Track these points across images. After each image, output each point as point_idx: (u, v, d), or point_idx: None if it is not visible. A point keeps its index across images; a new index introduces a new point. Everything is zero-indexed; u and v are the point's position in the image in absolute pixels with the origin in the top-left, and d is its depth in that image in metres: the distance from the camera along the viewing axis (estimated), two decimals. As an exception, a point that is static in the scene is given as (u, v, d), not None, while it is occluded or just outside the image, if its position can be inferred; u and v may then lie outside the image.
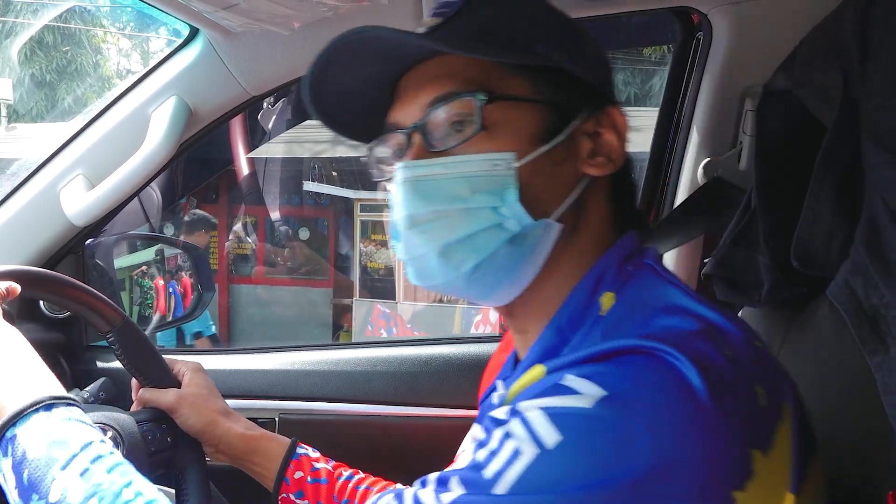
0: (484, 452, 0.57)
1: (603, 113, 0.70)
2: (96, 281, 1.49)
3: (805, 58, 0.80)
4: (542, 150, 0.66)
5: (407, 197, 0.67)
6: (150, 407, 1.08)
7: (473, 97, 0.66)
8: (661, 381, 0.54)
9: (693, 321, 0.60)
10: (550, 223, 0.67)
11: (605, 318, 0.65)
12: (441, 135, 0.68)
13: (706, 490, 0.53)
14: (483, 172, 0.65)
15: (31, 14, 8.96)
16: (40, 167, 1.34)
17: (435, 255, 0.67)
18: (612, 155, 0.70)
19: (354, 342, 5.26)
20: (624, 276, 0.67)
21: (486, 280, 0.68)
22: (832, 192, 0.69)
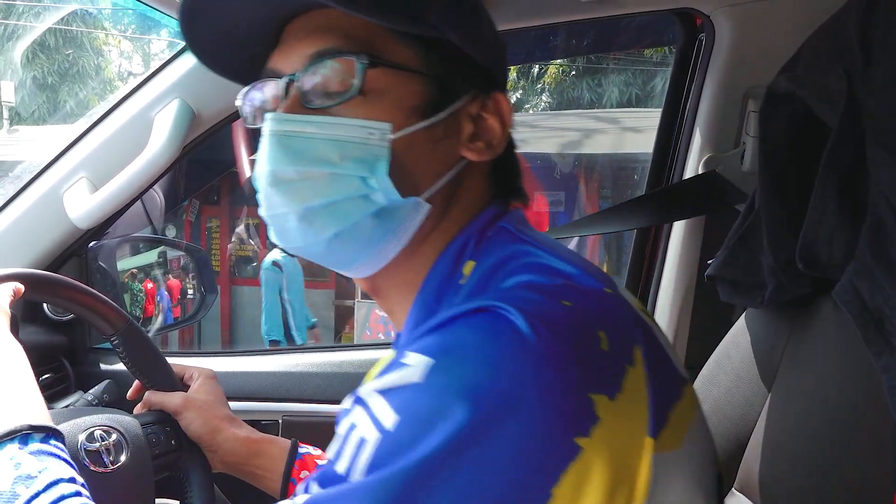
0: (333, 449, 0.56)
1: (489, 97, 0.68)
2: (100, 283, 1.49)
3: (808, 59, 0.80)
4: (421, 126, 0.64)
5: (273, 151, 0.64)
6: (154, 409, 1.08)
7: (356, 58, 0.63)
8: (488, 334, 0.53)
9: (543, 277, 0.59)
10: (420, 202, 0.64)
11: (464, 287, 0.63)
12: (318, 91, 0.64)
13: (547, 436, 0.51)
14: (356, 139, 0.62)
15: (34, 17, 8.98)
16: (44, 170, 1.35)
17: (295, 217, 0.64)
18: (493, 141, 0.68)
19: (357, 343, 5.27)
20: (484, 243, 0.66)
21: (345, 249, 0.66)
22: (836, 193, 0.69)
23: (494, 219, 0.68)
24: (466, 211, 0.68)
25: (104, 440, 0.96)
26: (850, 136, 0.68)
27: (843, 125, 0.67)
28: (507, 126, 0.68)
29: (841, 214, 0.68)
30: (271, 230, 0.68)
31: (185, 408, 1.05)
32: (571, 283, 0.59)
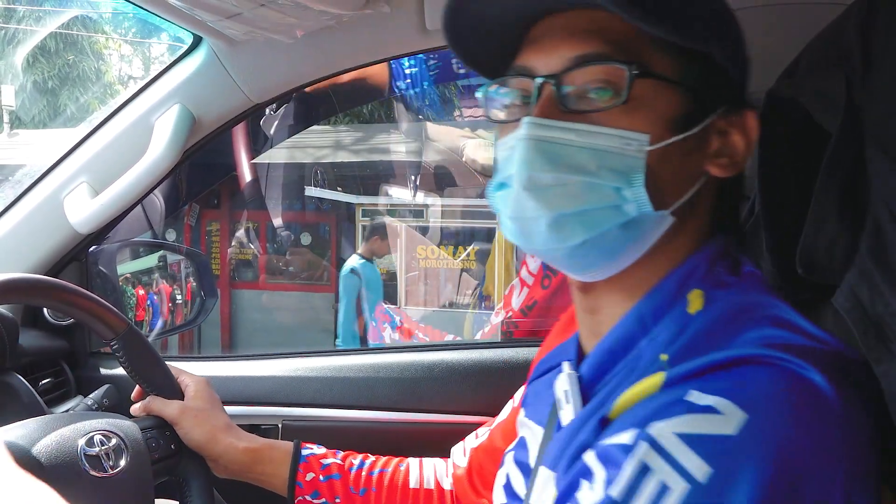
0: (620, 489, 0.54)
1: (737, 114, 0.67)
2: (100, 288, 1.49)
3: (808, 65, 0.80)
4: (676, 139, 0.63)
5: (530, 156, 0.62)
6: (153, 415, 1.08)
7: (627, 66, 0.61)
8: (794, 389, 0.53)
9: (803, 338, 0.58)
10: (665, 216, 0.64)
11: (695, 319, 0.63)
12: (578, 96, 0.64)
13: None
14: (614, 149, 0.62)
15: (34, 21, 8.99)
16: (44, 175, 1.35)
17: (546, 222, 0.63)
18: (737, 158, 0.67)
19: (357, 348, 5.26)
20: (715, 276, 0.66)
21: (587, 257, 0.65)
22: (836, 199, 0.69)
23: (723, 253, 0.68)
24: (696, 229, 0.68)
25: (104, 445, 0.96)
26: (850, 141, 0.68)
27: (843, 131, 0.67)
28: (751, 144, 0.68)
29: (841, 220, 0.68)
30: (510, 229, 0.67)
31: (183, 416, 1.05)
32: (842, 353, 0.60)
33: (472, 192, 6.38)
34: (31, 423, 0.93)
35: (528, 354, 1.46)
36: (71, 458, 0.91)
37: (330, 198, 7.37)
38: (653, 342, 0.64)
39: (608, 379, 0.67)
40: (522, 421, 0.86)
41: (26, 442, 0.89)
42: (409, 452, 1.45)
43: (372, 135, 7.18)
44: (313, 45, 1.25)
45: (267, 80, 1.30)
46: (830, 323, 0.80)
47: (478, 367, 1.45)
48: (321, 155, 7.02)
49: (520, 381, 1.43)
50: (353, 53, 1.28)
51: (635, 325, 0.66)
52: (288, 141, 6.20)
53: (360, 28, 1.22)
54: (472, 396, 1.44)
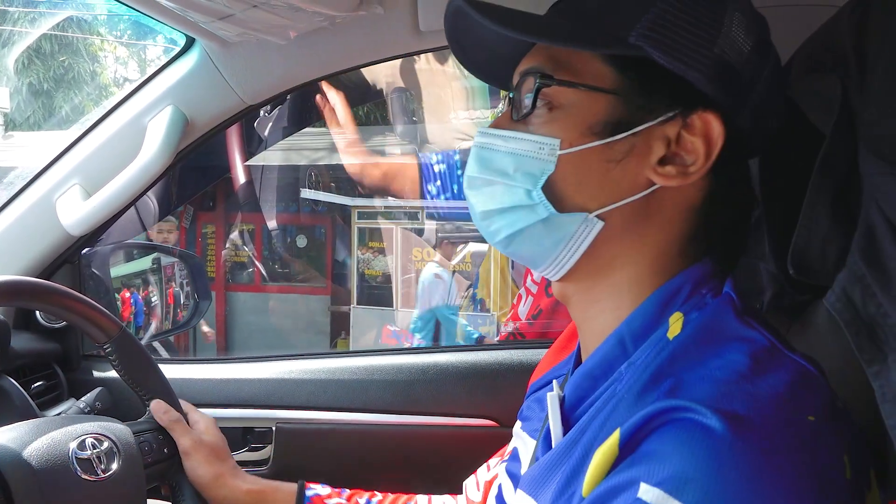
0: None
1: (694, 115, 0.64)
2: (93, 291, 1.49)
3: (802, 66, 0.80)
4: (593, 144, 0.65)
5: (471, 159, 0.71)
6: (149, 418, 1.08)
7: (540, 76, 0.67)
8: (724, 461, 0.51)
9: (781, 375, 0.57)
10: (588, 218, 0.66)
11: (671, 343, 0.62)
12: (518, 106, 0.70)
13: None
14: (528, 153, 0.67)
15: (29, 23, 8.97)
16: (36, 177, 1.35)
17: (479, 216, 0.71)
18: (691, 167, 0.64)
19: (351, 350, 5.25)
20: (698, 299, 0.65)
21: (522, 251, 0.71)
22: (829, 200, 0.69)
23: (707, 277, 0.67)
24: (668, 242, 0.67)
25: (95, 448, 0.95)
26: (843, 143, 0.68)
27: (837, 132, 0.67)
28: (712, 150, 0.64)
29: (833, 221, 0.68)
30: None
31: (195, 450, 1.06)
32: (806, 382, 0.58)
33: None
34: (23, 426, 0.93)
35: (523, 356, 1.46)
36: (62, 462, 0.90)
37: (325, 200, 7.36)
38: (631, 367, 0.64)
39: (590, 403, 0.67)
40: (518, 432, 0.87)
41: (17, 445, 0.88)
42: (404, 454, 1.45)
43: (367, 137, 7.18)
44: (306, 47, 1.24)
45: (260, 81, 1.30)
46: (824, 323, 0.81)
47: (472, 368, 1.45)
48: (316, 157, 7.01)
49: (514, 383, 1.43)
50: (347, 55, 1.28)
51: (616, 348, 0.66)
52: (283, 143, 6.20)
53: (353, 29, 1.21)
54: (466, 398, 1.44)
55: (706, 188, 0.67)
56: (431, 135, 6.24)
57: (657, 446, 0.54)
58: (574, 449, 0.63)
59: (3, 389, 1.17)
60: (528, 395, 0.90)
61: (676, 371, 0.59)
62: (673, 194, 0.66)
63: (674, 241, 0.67)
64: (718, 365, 0.58)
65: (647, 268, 0.67)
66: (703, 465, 0.51)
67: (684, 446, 0.52)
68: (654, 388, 0.59)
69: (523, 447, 0.83)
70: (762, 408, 0.53)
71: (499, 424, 1.42)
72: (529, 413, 0.87)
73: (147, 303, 1.92)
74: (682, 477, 0.50)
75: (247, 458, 1.45)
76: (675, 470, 0.51)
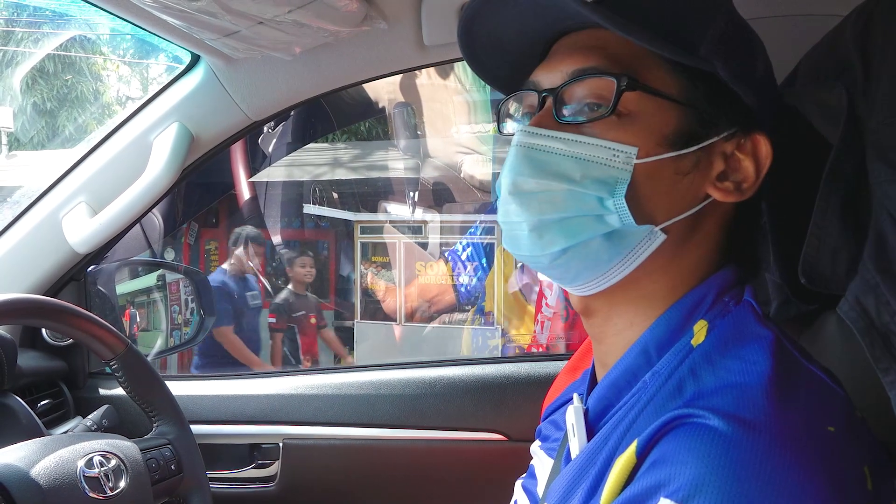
0: None
1: (747, 137, 0.65)
2: (98, 308, 1.49)
3: (807, 75, 0.80)
4: (668, 156, 0.63)
5: (516, 162, 0.64)
6: (156, 435, 1.08)
7: (615, 79, 0.62)
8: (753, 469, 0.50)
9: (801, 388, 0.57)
10: (654, 231, 0.63)
11: (696, 351, 0.62)
12: (573, 107, 0.65)
13: None
14: (599, 159, 0.62)
15: (33, 43, 9.04)
16: (42, 195, 1.35)
17: (527, 227, 0.64)
18: (744, 184, 0.65)
19: (357, 365, 5.24)
20: (721, 307, 0.64)
21: (570, 266, 0.65)
22: (838, 209, 0.68)
23: (731, 285, 0.66)
24: (700, 256, 0.67)
25: (103, 466, 0.95)
26: (851, 151, 0.68)
27: (844, 141, 0.67)
28: (761, 170, 0.66)
29: (843, 229, 0.68)
30: (504, 236, 0.68)
31: None
32: (826, 391, 0.57)
33: (470, 207, 6.38)
34: (30, 444, 0.93)
35: (530, 369, 1.45)
36: (70, 480, 0.90)
37: (328, 215, 7.37)
38: (655, 375, 0.64)
39: (613, 413, 0.66)
40: (535, 451, 0.86)
41: (25, 464, 0.88)
42: (412, 469, 1.44)
43: (370, 152, 7.19)
44: (311, 63, 1.25)
45: (265, 97, 1.30)
46: (835, 333, 0.80)
47: (479, 382, 1.44)
48: (319, 172, 7.03)
49: (522, 396, 1.43)
50: (351, 70, 1.28)
51: (640, 357, 0.65)
52: (286, 158, 6.22)
53: (357, 45, 1.22)
54: (473, 412, 1.43)
55: (739, 203, 0.67)
56: (433, 149, 6.26)
57: (667, 452, 0.54)
58: (597, 458, 0.63)
59: (10, 408, 1.16)
60: (545, 416, 0.89)
61: (699, 379, 0.59)
62: (716, 209, 0.66)
63: (708, 252, 0.67)
64: (739, 369, 0.57)
65: (679, 278, 0.66)
66: (722, 472, 0.50)
67: (698, 451, 0.51)
68: (677, 397, 0.59)
69: (540, 465, 0.83)
70: (783, 419, 0.53)
71: (507, 438, 1.42)
72: (548, 433, 0.86)
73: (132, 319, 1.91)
74: (698, 483, 0.50)
75: (254, 474, 1.45)
76: (692, 476, 0.50)
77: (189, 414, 1.19)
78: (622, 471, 0.57)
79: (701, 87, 0.64)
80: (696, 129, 0.64)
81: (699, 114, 0.64)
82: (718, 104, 0.64)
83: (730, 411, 0.53)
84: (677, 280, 0.66)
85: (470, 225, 6.44)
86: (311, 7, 0.99)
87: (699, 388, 0.58)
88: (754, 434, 0.51)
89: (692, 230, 0.65)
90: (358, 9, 1.08)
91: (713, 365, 0.59)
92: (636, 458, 0.57)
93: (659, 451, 0.55)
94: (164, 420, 1.12)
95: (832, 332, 0.80)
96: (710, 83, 0.64)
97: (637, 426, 0.60)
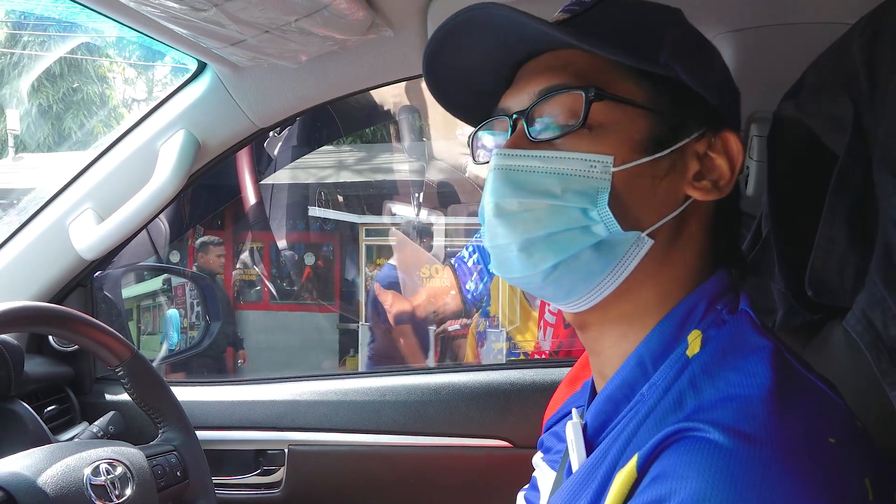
0: None
1: (717, 136, 0.67)
2: (105, 313, 1.49)
3: (813, 85, 0.80)
4: (644, 161, 0.64)
5: (497, 185, 0.65)
6: (162, 441, 1.08)
7: (583, 91, 0.63)
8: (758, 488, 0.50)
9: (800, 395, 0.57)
10: (642, 237, 0.64)
11: (692, 362, 0.62)
12: (543, 125, 0.66)
13: None
14: (577, 172, 0.63)
15: (39, 46, 9.07)
16: (49, 201, 1.36)
17: (516, 247, 0.65)
18: (720, 182, 0.67)
19: (363, 371, 5.25)
20: (714, 315, 0.65)
21: (563, 281, 0.65)
22: (845, 220, 0.68)
23: (723, 291, 0.67)
24: (687, 259, 0.67)
25: (109, 474, 0.95)
26: (857, 162, 0.67)
27: (851, 152, 0.67)
28: (735, 166, 0.67)
29: (850, 242, 0.68)
30: (492, 261, 0.69)
31: None
32: (827, 402, 0.57)
33: (475, 208, 6.39)
34: (37, 452, 0.93)
35: (535, 376, 1.45)
36: (77, 488, 0.90)
37: (333, 218, 7.38)
38: (653, 388, 0.64)
39: (612, 427, 0.66)
40: (537, 462, 0.86)
41: (32, 472, 0.88)
42: (417, 475, 1.44)
43: (375, 154, 7.20)
44: (317, 70, 1.25)
45: (271, 104, 1.31)
46: (841, 344, 0.80)
47: (484, 388, 1.44)
48: (324, 175, 7.04)
49: (527, 403, 1.42)
50: (357, 77, 1.29)
51: (636, 370, 0.65)
52: (291, 163, 6.23)
53: (363, 52, 1.22)
54: (478, 418, 1.43)
55: (718, 203, 0.68)
56: (438, 151, 6.26)
57: (668, 466, 0.54)
58: (596, 472, 0.63)
59: (17, 414, 1.17)
60: (546, 428, 0.89)
61: (699, 392, 0.59)
62: (697, 210, 0.67)
63: (695, 257, 0.68)
64: (739, 381, 0.57)
65: (669, 284, 0.67)
66: (723, 487, 0.50)
67: (699, 466, 0.51)
68: (678, 410, 0.59)
69: (542, 477, 0.83)
70: (784, 431, 0.53)
71: (513, 445, 1.42)
72: (550, 444, 0.86)
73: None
74: (700, 498, 0.50)
75: (259, 480, 1.45)
76: (693, 491, 0.50)
77: (195, 420, 1.19)
78: (623, 485, 0.57)
79: (665, 92, 0.65)
80: (667, 133, 0.65)
81: (667, 118, 0.65)
82: (684, 107, 0.66)
83: (730, 424, 0.53)
84: (667, 286, 0.66)
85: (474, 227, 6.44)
86: (318, 16, 1.00)
87: (700, 401, 0.58)
88: (755, 447, 0.51)
89: (677, 233, 0.66)
90: (364, 17, 1.08)
91: (713, 377, 0.59)
92: (637, 473, 0.56)
93: (660, 466, 0.55)
94: (169, 426, 1.13)
95: (838, 343, 0.80)
96: (673, 89, 0.65)
97: (637, 440, 0.60)
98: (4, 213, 1.45)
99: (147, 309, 2.12)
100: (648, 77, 0.65)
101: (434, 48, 0.71)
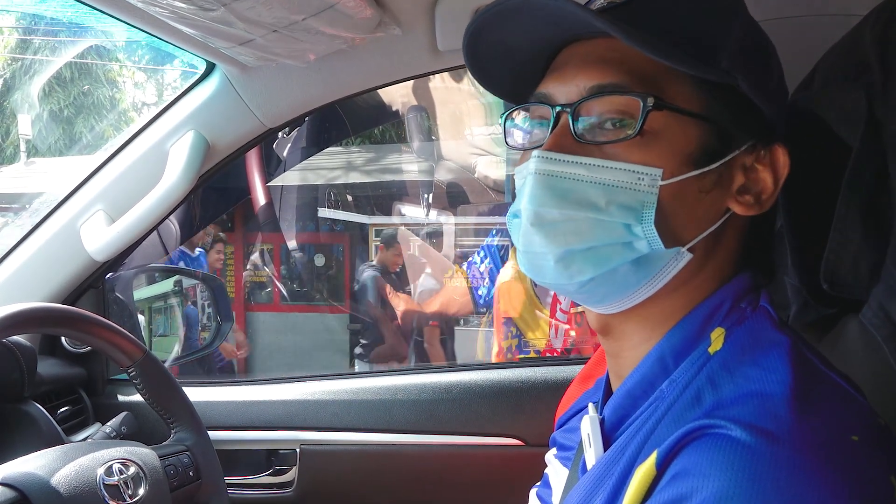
0: None
1: (766, 149, 0.64)
2: (116, 315, 1.50)
3: (825, 78, 0.79)
4: (692, 174, 0.60)
5: (536, 191, 0.61)
6: (174, 441, 1.08)
7: (641, 98, 0.59)
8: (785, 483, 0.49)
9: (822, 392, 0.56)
10: (682, 252, 0.62)
11: (713, 359, 0.61)
12: (592, 125, 0.62)
13: None
14: (624, 184, 0.60)
15: (50, 51, 9.14)
16: (61, 203, 1.36)
17: (553, 258, 0.62)
18: (763, 196, 0.64)
19: (374, 371, 5.25)
20: (738, 313, 0.63)
21: (596, 291, 0.63)
22: (859, 213, 0.67)
23: (747, 291, 0.65)
24: (722, 267, 0.65)
25: (122, 474, 0.96)
26: (871, 155, 0.67)
27: (865, 144, 0.66)
28: (779, 180, 0.64)
29: (865, 234, 0.67)
30: (523, 262, 0.66)
31: None
32: (848, 399, 0.57)
33: (485, 208, 6.37)
34: (50, 453, 0.94)
35: (547, 373, 1.45)
36: (90, 488, 0.91)
37: (343, 218, 7.40)
38: (672, 384, 0.63)
39: (630, 423, 0.65)
40: (550, 459, 0.86)
41: (45, 472, 0.89)
42: (428, 474, 1.44)
43: (383, 155, 7.21)
44: (325, 69, 1.25)
45: (280, 104, 1.31)
46: (856, 338, 0.79)
47: (495, 387, 1.44)
48: (333, 176, 7.05)
49: (539, 401, 1.42)
50: (365, 76, 1.29)
51: (656, 366, 0.64)
52: (300, 163, 6.25)
53: (371, 51, 1.22)
54: (490, 417, 1.43)
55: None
56: (447, 151, 6.26)
57: (689, 464, 0.53)
58: (614, 468, 0.62)
59: (30, 415, 1.17)
60: (559, 425, 0.89)
61: (718, 388, 0.58)
62: (736, 221, 0.65)
63: (726, 263, 0.66)
64: (758, 377, 0.56)
65: (697, 291, 0.65)
66: (746, 485, 0.49)
67: (721, 463, 0.51)
68: (696, 407, 0.58)
69: (554, 475, 0.82)
70: (806, 429, 0.52)
71: (525, 443, 1.41)
72: (563, 441, 0.85)
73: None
74: (723, 496, 0.49)
75: (271, 480, 1.45)
76: (716, 489, 0.50)
77: (206, 420, 1.19)
78: (642, 482, 0.56)
79: (721, 99, 0.62)
80: (718, 144, 0.62)
81: (720, 128, 0.62)
82: (739, 117, 0.63)
83: (751, 421, 0.52)
84: (696, 293, 0.65)
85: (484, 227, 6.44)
86: (326, 15, 1.00)
87: (718, 398, 0.57)
88: (777, 445, 0.50)
89: (714, 245, 0.64)
90: (372, 15, 1.08)
91: (731, 373, 0.59)
92: (656, 470, 0.56)
93: (680, 463, 0.54)
94: (181, 426, 1.13)
95: (853, 338, 0.79)
96: (728, 95, 0.62)
97: (656, 436, 0.60)
98: (18, 217, 1.46)
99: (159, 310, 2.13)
100: (705, 83, 0.61)
101: (480, 23, 0.65)
